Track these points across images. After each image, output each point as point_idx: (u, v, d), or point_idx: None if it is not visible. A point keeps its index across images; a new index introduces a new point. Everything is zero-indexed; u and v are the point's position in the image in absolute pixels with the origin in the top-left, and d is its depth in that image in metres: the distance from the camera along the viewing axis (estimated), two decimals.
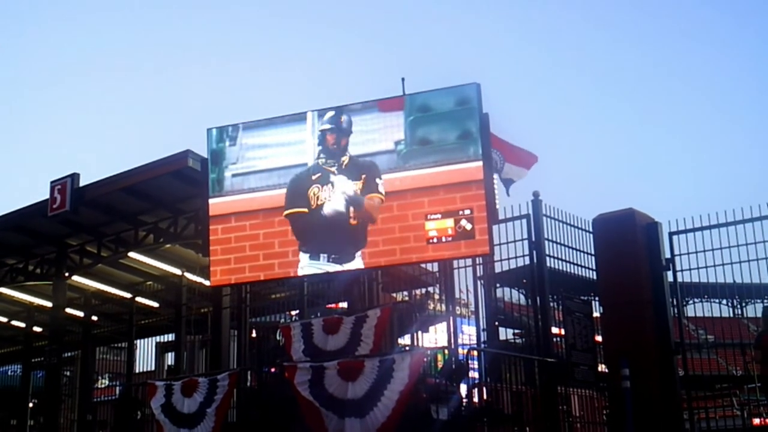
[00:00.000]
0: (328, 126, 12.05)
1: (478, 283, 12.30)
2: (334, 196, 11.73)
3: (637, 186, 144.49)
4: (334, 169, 11.84)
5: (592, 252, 11.74)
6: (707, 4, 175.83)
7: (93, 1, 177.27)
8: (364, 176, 11.64)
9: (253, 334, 15.60)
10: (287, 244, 11.91)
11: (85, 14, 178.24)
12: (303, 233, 11.92)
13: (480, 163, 11.10)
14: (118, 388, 22.88)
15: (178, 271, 17.36)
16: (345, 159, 11.82)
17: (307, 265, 11.87)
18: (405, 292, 14.42)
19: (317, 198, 11.85)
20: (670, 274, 11.08)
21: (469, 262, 12.00)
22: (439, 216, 11.11)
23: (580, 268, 11.92)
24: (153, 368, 21.00)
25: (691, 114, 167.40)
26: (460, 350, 11.43)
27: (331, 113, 12.11)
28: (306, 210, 11.89)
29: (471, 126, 11.28)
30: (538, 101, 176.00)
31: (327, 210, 11.78)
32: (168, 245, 15.75)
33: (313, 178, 11.93)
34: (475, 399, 10.62)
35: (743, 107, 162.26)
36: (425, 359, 10.38)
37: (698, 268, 10.92)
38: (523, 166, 12.60)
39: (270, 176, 12.24)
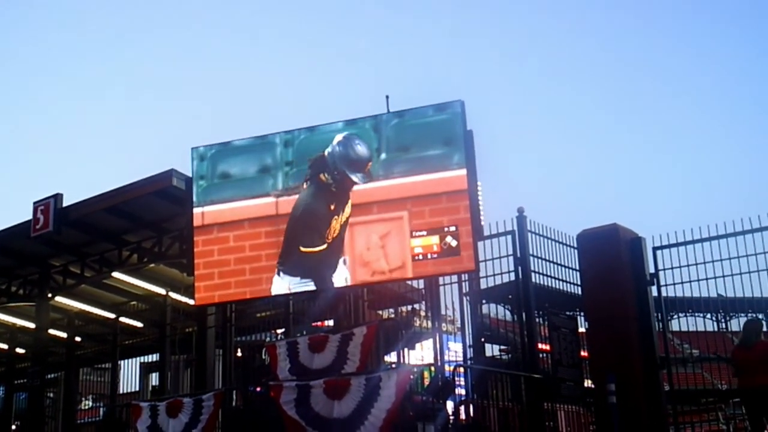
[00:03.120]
0: (361, 181, 11.50)
1: (464, 299, 12.30)
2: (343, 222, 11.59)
3: (621, 201, 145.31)
4: (334, 205, 11.65)
5: (577, 267, 11.79)
6: (697, 16, 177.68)
7: (77, 19, 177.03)
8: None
9: (239, 353, 15.52)
10: (272, 257, 11.88)
11: (69, 33, 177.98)
12: (304, 266, 11.71)
13: (464, 171, 11.12)
14: (102, 409, 22.70)
15: (162, 291, 17.26)
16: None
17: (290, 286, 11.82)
18: (391, 310, 14.40)
19: (334, 231, 11.56)
20: (654, 288, 11.15)
21: (454, 278, 12.00)
22: (424, 233, 11.13)
23: (565, 283, 11.96)
24: (137, 389, 20.84)
25: (675, 129, 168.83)
26: (446, 367, 11.42)
27: (363, 151, 11.58)
28: (324, 247, 11.60)
29: (454, 137, 11.30)
30: (521, 117, 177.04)
31: (338, 241, 11.55)
32: (152, 265, 15.66)
33: (332, 207, 11.64)
34: (462, 416, 10.60)
35: (730, 122, 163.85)
36: (412, 376, 10.36)
37: (682, 283, 11.02)
38: None
39: (251, 184, 12.16)
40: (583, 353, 11.75)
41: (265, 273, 11.89)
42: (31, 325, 18.16)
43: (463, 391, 11.78)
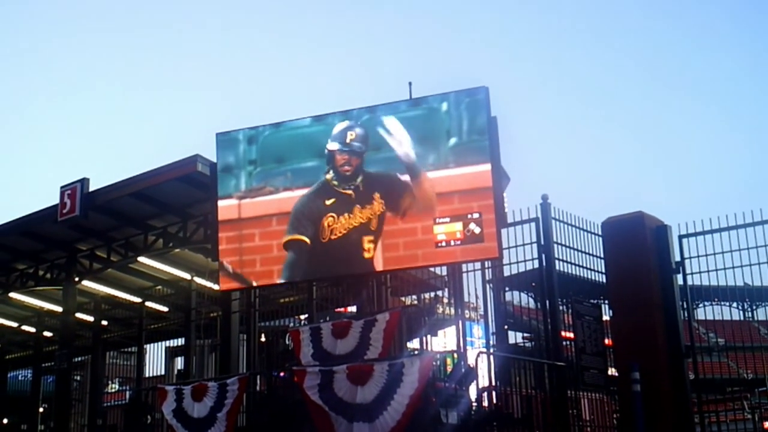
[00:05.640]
0: (336, 146, 11.39)
1: (487, 286, 12.28)
2: (352, 225, 11.30)
3: (646, 189, 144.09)
4: (351, 192, 11.43)
5: (602, 255, 11.71)
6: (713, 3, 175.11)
7: (104, 11, 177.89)
8: (378, 195, 11.30)
9: (263, 339, 15.61)
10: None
11: (97, 23, 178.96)
12: (298, 265, 11.59)
13: (488, 166, 11.07)
14: (128, 392, 22.94)
15: (187, 276, 17.39)
16: (359, 180, 11.40)
17: None
18: (414, 296, 14.40)
19: (331, 230, 11.32)
20: (680, 277, 11.06)
21: (478, 265, 11.98)
22: (447, 220, 11.09)
23: (589, 271, 11.89)
24: (163, 373, 21.05)
25: (699, 118, 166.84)
26: (469, 354, 11.40)
27: (340, 126, 11.51)
28: (308, 240, 11.43)
29: (478, 125, 11.22)
30: (545, 103, 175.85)
31: (340, 244, 11.28)
32: (177, 250, 15.79)
33: (327, 203, 11.44)
34: (485, 403, 10.60)
35: (752, 110, 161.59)
36: (434, 363, 10.35)
37: (708, 271, 10.91)
38: None
39: (285, 179, 11.94)
40: (607, 341, 11.69)
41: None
42: (59, 309, 18.38)
43: (486, 379, 11.80)
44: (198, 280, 17.19)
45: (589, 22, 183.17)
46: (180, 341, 19.49)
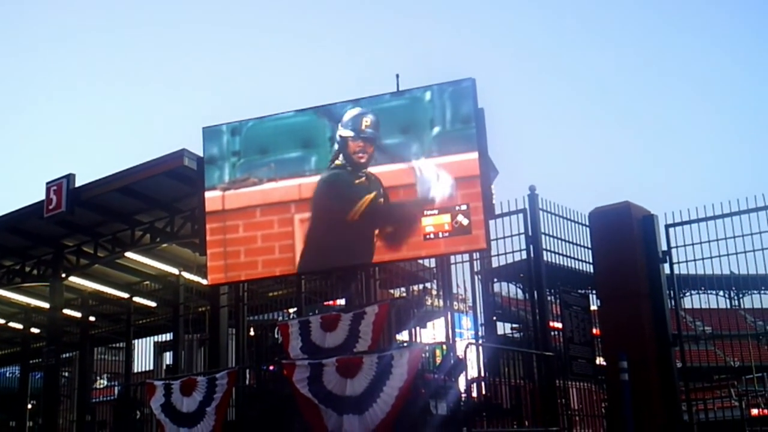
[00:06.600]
0: (349, 133, 11.35)
1: (476, 278, 12.31)
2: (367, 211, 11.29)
3: (633, 178, 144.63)
4: (364, 179, 11.35)
5: (589, 245, 11.77)
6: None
7: (94, 8, 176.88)
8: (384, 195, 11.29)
9: (251, 333, 15.60)
10: (280, 237, 11.79)
11: (87, 21, 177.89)
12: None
13: (476, 155, 11.06)
14: (116, 388, 22.91)
15: (175, 271, 17.34)
16: (368, 170, 11.31)
17: None
18: (402, 288, 14.42)
19: (360, 205, 11.26)
20: (666, 266, 11.14)
21: (466, 257, 12.00)
22: (435, 212, 11.10)
23: (577, 261, 11.95)
24: (151, 368, 21.02)
25: (685, 107, 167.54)
26: (458, 345, 11.44)
27: (352, 112, 11.47)
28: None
29: (465, 116, 11.20)
30: (532, 94, 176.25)
31: (357, 226, 11.22)
32: (164, 245, 15.72)
33: (357, 182, 11.35)
34: (474, 394, 10.64)
35: (738, 101, 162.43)
36: (424, 355, 10.38)
37: (695, 260, 10.99)
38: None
39: (268, 169, 11.83)
40: (595, 331, 11.76)
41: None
42: (46, 305, 18.31)
43: (475, 369, 11.84)
44: (186, 274, 17.14)
45: (581, 15, 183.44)
46: (168, 336, 19.45)
